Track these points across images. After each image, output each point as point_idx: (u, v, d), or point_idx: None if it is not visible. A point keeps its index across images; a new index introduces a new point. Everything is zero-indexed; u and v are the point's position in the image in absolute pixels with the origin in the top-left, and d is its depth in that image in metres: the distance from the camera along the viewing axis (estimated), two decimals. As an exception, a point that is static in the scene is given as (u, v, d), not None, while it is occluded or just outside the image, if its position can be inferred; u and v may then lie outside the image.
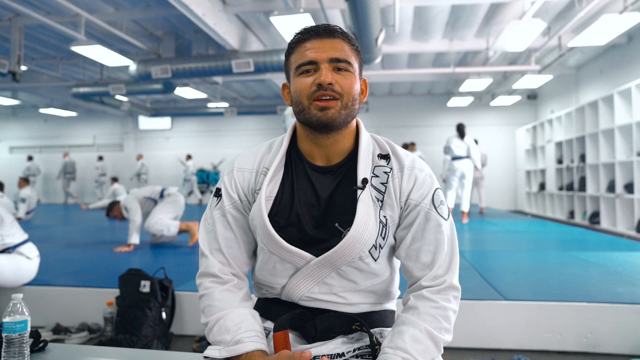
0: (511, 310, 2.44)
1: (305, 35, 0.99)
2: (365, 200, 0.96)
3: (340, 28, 1.01)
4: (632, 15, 5.11)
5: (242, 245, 1.04)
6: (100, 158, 13.63)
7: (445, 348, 0.95)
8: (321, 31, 0.98)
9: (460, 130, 6.52)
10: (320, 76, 0.94)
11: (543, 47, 7.20)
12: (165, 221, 4.49)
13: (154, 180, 13.65)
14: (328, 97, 0.95)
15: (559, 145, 9.01)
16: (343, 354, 0.97)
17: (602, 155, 7.03)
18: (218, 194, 1.06)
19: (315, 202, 1.00)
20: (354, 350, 0.98)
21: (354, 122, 1.05)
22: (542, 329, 2.39)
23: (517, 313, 2.43)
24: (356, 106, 1.00)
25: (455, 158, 6.58)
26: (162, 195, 4.75)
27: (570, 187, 8.36)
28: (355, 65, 1.00)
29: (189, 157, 12.80)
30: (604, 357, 2.31)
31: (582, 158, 7.84)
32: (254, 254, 1.07)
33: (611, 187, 6.82)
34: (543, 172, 10.01)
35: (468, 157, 6.51)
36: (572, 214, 8.35)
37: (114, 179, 10.12)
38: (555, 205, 9.19)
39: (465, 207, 6.73)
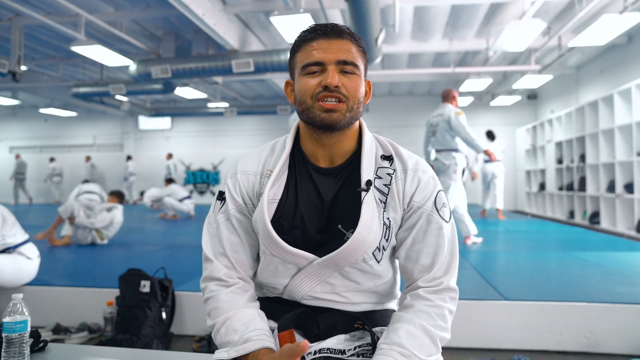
0: (511, 310, 2.44)
1: (312, 35, 0.98)
2: (370, 203, 0.96)
3: (348, 28, 1.00)
4: (632, 15, 5.11)
5: (248, 248, 1.03)
6: (52, 159, 13.79)
7: (445, 348, 0.95)
8: (329, 31, 0.97)
9: (490, 135, 7.65)
10: (327, 78, 0.94)
11: (543, 47, 7.19)
12: None
13: (154, 181, 13.64)
14: (334, 100, 0.94)
15: (559, 145, 9.01)
16: (344, 351, 0.97)
17: (602, 155, 7.03)
18: (221, 197, 1.05)
19: (319, 204, 1.00)
20: (355, 349, 0.98)
21: (357, 123, 1.04)
22: (542, 329, 2.39)
23: (517, 313, 2.43)
24: (361, 108, 0.99)
25: (487, 161, 7.55)
26: None
27: (570, 187, 8.36)
28: (362, 67, 0.99)
29: (170, 155, 12.89)
30: (604, 357, 2.31)
31: (582, 158, 7.84)
32: (258, 257, 1.06)
33: (611, 187, 6.82)
34: (543, 172, 10.01)
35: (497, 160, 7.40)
36: (572, 214, 8.35)
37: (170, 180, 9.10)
38: (555, 205, 9.19)
39: (500, 205, 7.66)
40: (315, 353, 0.96)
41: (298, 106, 0.99)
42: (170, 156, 13.06)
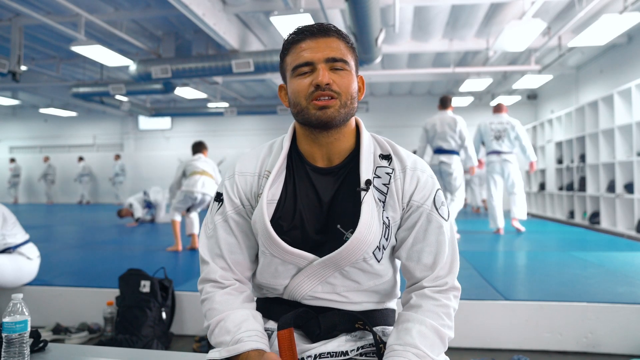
0: (511, 310, 2.44)
1: (299, 36, 0.98)
2: (369, 202, 0.95)
3: (335, 26, 1.00)
4: (632, 15, 5.11)
5: (245, 250, 1.03)
6: (13, 160, 13.97)
7: (445, 347, 0.95)
8: (315, 30, 0.97)
9: None
10: (318, 77, 0.94)
11: (543, 47, 7.19)
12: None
13: (153, 181, 13.63)
14: (326, 97, 0.94)
15: (559, 145, 9.01)
16: (347, 352, 0.97)
17: (602, 155, 7.02)
18: (219, 198, 1.05)
19: (318, 204, 1.00)
20: (358, 349, 0.98)
21: (353, 121, 1.04)
22: (542, 329, 2.39)
23: (517, 313, 2.43)
24: (355, 104, 0.99)
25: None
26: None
27: (570, 187, 8.36)
28: (352, 63, 0.99)
29: (117, 156, 13.03)
30: (604, 357, 2.31)
31: (582, 158, 7.83)
32: (256, 258, 1.06)
33: (611, 187, 6.82)
34: (543, 172, 10.01)
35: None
36: (572, 214, 8.35)
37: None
38: (555, 205, 9.19)
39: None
40: (315, 357, 0.96)
41: (293, 108, 0.99)
42: (118, 157, 13.25)
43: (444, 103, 5.20)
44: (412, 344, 0.88)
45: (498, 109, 5.70)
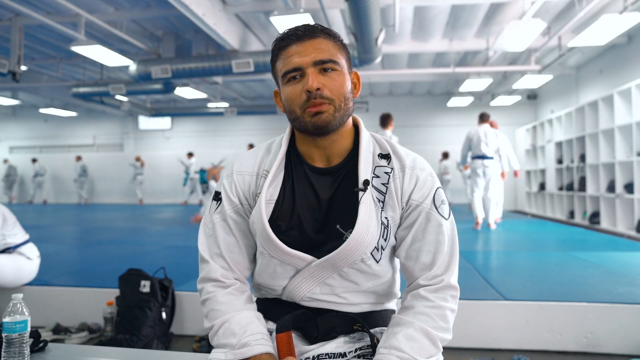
0: (511, 310, 2.44)
1: (286, 41, 0.97)
2: (367, 203, 0.95)
3: (321, 25, 0.98)
4: (632, 15, 5.11)
5: (244, 249, 1.03)
6: None
7: (445, 348, 0.94)
8: (301, 33, 0.96)
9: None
10: (307, 82, 0.93)
11: (543, 47, 7.19)
12: None
13: (153, 180, 13.63)
14: (318, 103, 0.94)
15: (559, 145, 9.01)
16: (345, 354, 0.97)
17: (602, 155, 7.03)
18: (218, 197, 1.04)
19: (316, 204, 0.99)
20: (356, 350, 0.98)
21: (351, 120, 1.03)
22: (542, 329, 2.39)
23: (517, 313, 2.43)
24: (350, 104, 0.98)
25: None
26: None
27: (570, 187, 8.36)
28: (342, 61, 0.97)
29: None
30: (604, 357, 2.31)
31: (582, 158, 7.84)
32: (254, 258, 1.06)
33: (611, 187, 6.82)
34: (543, 172, 10.01)
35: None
36: (572, 214, 8.35)
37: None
38: (555, 205, 9.19)
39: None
40: (313, 359, 0.96)
41: (288, 115, 0.98)
42: (79, 158, 13.34)
43: (483, 118, 6.09)
44: (396, 347, 0.87)
45: (491, 124, 6.57)
